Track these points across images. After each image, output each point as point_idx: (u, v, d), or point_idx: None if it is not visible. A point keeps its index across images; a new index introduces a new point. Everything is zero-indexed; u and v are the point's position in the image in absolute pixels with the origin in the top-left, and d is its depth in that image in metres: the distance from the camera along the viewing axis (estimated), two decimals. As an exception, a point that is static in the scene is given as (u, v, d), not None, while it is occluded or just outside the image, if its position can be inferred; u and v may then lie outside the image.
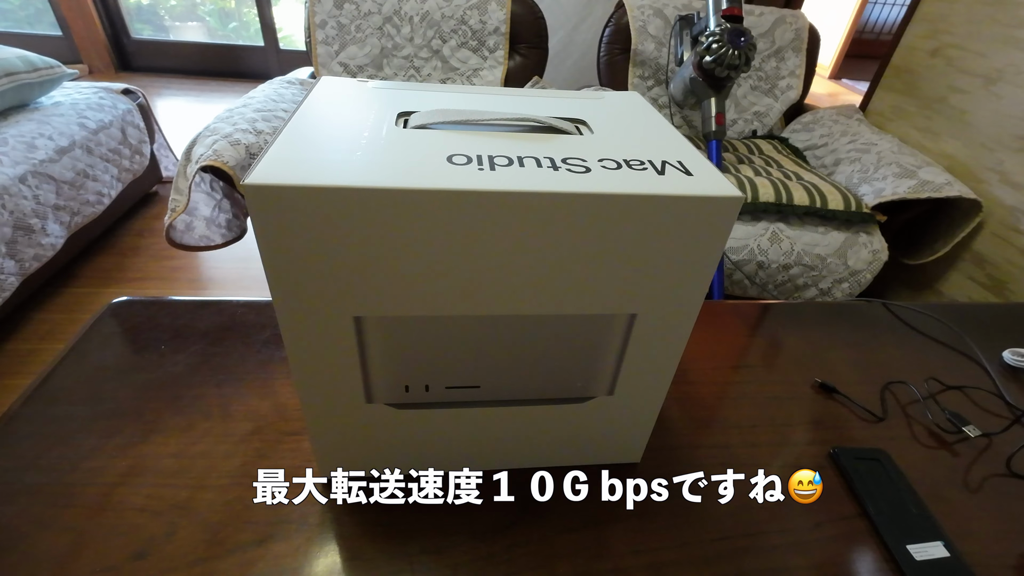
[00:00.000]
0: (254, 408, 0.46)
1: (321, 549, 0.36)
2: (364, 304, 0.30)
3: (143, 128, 1.67)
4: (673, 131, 0.36)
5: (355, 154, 0.28)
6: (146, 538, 0.36)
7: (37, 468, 0.40)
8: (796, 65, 1.58)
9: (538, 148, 0.31)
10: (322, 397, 0.34)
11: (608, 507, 0.41)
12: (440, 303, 0.30)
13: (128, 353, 0.51)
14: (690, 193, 0.28)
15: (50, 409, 0.44)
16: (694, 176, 0.30)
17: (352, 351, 0.32)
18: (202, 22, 3.22)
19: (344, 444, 0.38)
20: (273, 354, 0.52)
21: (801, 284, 1.19)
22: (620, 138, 0.34)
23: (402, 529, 0.38)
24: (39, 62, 1.39)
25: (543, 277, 0.30)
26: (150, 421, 0.44)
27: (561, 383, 0.37)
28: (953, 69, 1.35)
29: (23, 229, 1.16)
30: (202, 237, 1.10)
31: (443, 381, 0.35)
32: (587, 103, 0.40)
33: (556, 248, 0.29)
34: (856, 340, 0.62)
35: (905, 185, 1.16)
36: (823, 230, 1.16)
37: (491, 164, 0.29)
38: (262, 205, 0.26)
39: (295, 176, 0.26)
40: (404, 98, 0.38)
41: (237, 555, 0.35)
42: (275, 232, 0.27)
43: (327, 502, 0.39)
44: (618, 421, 0.40)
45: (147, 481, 0.39)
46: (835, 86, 4.10)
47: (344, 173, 0.26)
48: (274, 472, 0.40)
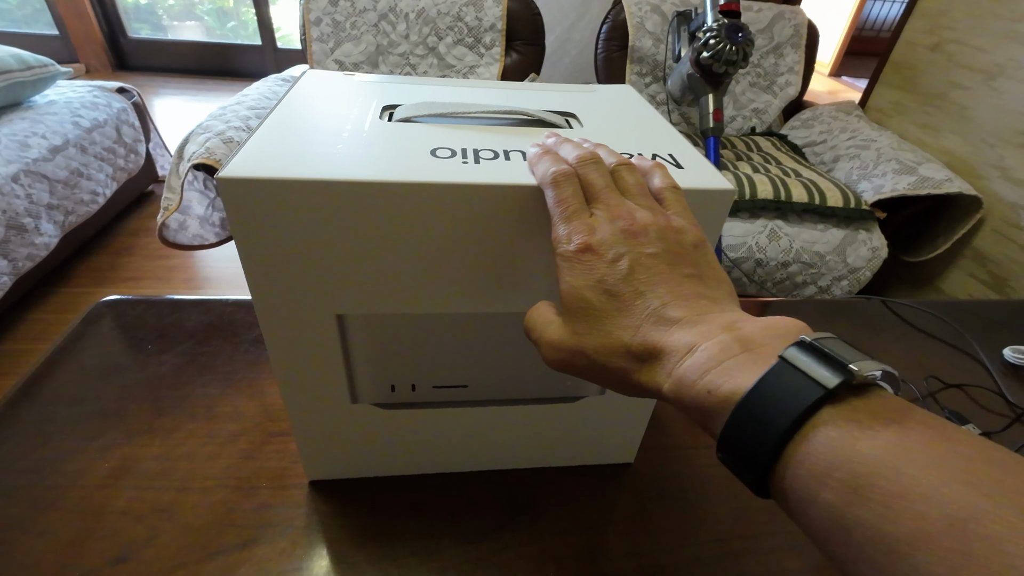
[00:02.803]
0: (241, 408, 0.45)
1: (307, 553, 0.35)
2: (346, 302, 0.29)
3: (138, 127, 1.66)
4: (665, 124, 0.35)
5: (336, 147, 0.27)
6: (127, 542, 0.35)
7: (16, 471, 0.39)
8: (795, 61, 1.57)
9: (525, 142, 0.30)
10: (306, 398, 0.34)
11: (601, 509, 0.40)
12: (424, 301, 0.30)
13: (114, 353, 0.50)
14: (685, 186, 0.27)
15: (32, 410, 0.43)
16: (685, 169, 0.29)
17: (335, 350, 0.31)
18: (200, 21, 3.21)
19: (330, 445, 0.37)
20: (261, 353, 0.51)
21: (800, 282, 1.18)
22: (610, 131, 0.33)
23: (389, 532, 0.37)
24: (32, 60, 1.38)
25: (530, 273, 0.29)
26: (134, 422, 0.43)
27: (551, 382, 0.36)
28: (953, 64, 1.34)
29: (16, 228, 1.15)
30: (196, 236, 1.09)
31: (430, 380, 0.34)
32: (578, 96, 0.39)
33: (543, 242, 0.28)
34: (855, 338, 0.61)
35: (905, 181, 1.15)
36: (822, 227, 1.15)
37: (476, 157, 0.28)
38: (238, 200, 0.25)
39: (272, 169, 0.25)
40: (389, 91, 0.37)
41: (220, 559, 0.34)
42: (252, 228, 0.26)
43: (313, 504, 0.38)
44: (610, 421, 0.39)
45: (130, 484, 0.38)
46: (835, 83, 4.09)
47: (324, 166, 0.25)
48: (259, 474, 0.40)
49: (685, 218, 0.26)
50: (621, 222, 0.24)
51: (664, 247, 0.24)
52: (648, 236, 0.24)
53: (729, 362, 0.20)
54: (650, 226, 0.25)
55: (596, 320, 0.24)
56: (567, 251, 0.25)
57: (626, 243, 0.24)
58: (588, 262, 0.24)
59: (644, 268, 0.23)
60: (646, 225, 0.25)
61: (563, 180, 0.26)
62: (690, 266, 0.24)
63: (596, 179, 0.26)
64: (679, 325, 0.22)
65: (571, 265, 0.24)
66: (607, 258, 0.24)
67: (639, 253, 0.24)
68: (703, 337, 0.21)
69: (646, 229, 0.24)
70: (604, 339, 0.23)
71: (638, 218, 0.25)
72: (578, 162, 0.27)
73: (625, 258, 0.24)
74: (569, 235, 0.25)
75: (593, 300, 0.24)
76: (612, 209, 0.25)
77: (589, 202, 0.26)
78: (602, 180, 0.26)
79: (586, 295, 0.24)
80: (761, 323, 0.21)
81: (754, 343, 0.20)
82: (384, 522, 0.38)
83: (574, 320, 0.25)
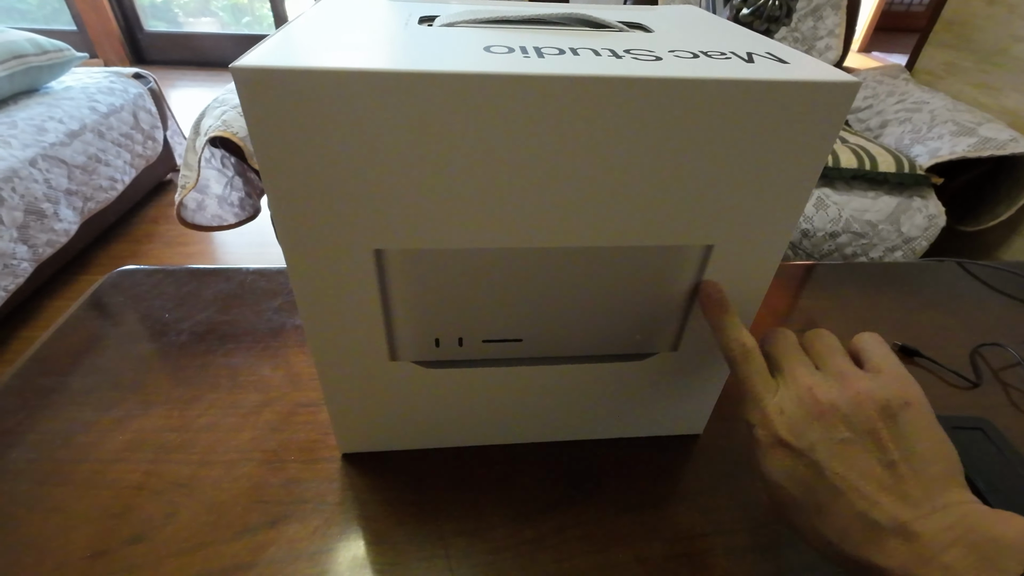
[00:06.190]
0: (265, 378, 0.41)
1: (342, 531, 0.31)
2: (386, 233, 0.24)
3: (155, 113, 1.64)
4: (751, 32, 0.30)
5: (373, 42, 0.23)
6: (144, 519, 0.31)
7: (25, 444, 0.35)
8: (835, 24, 1.48)
9: (592, 41, 0.25)
10: (339, 354, 0.29)
11: (670, 484, 0.35)
12: (477, 232, 0.25)
13: (129, 322, 0.46)
14: (795, 78, 0.22)
15: (40, 380, 0.40)
16: (791, 63, 0.24)
17: (372, 294, 0.27)
18: (215, 17, 3.22)
19: (365, 412, 0.33)
20: (285, 321, 0.47)
21: (849, 253, 1.11)
22: (689, 36, 0.28)
23: (432, 509, 0.33)
24: (48, 45, 1.36)
25: (602, 197, 0.24)
26: (151, 393, 0.39)
27: (617, 336, 0.31)
28: (1016, 16, 1.23)
29: (35, 213, 1.14)
30: (214, 216, 1.06)
31: (479, 333, 0.30)
32: (639, 12, 0.34)
33: (620, 156, 0.23)
34: (933, 301, 0.56)
35: (964, 144, 1.07)
36: (873, 195, 1.08)
37: (538, 53, 0.23)
38: (259, 98, 0.20)
39: (301, 60, 0.20)
40: (425, 9, 0.32)
41: (246, 538, 0.30)
42: (276, 137, 0.21)
43: (347, 479, 0.34)
44: (681, 383, 0.34)
45: (146, 457, 0.35)
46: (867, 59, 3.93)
47: (361, 58, 0.21)
48: (287, 446, 0.36)
49: (886, 373, 0.24)
50: (807, 401, 0.23)
51: (858, 429, 0.22)
52: (837, 416, 0.22)
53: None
54: (838, 403, 0.22)
55: (800, 511, 0.23)
56: (757, 438, 0.24)
57: (814, 429, 0.22)
58: (778, 455, 0.23)
59: (839, 459, 0.22)
60: (834, 403, 0.22)
61: (743, 356, 0.26)
62: (891, 446, 0.22)
63: (778, 343, 0.26)
64: (894, 536, 0.20)
65: (764, 452, 0.24)
66: (796, 449, 0.23)
67: (830, 441, 0.22)
68: (920, 564, 0.19)
69: (835, 407, 0.22)
70: (811, 533, 0.23)
71: (820, 395, 0.23)
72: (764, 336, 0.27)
73: (817, 448, 0.22)
74: (758, 419, 0.24)
75: (794, 493, 0.23)
76: (796, 382, 0.24)
77: (774, 372, 0.25)
78: (784, 342, 0.26)
79: (785, 487, 0.23)
80: (984, 535, 0.19)
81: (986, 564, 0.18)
82: (426, 498, 0.33)
83: (779, 506, 0.24)
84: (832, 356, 0.25)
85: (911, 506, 0.20)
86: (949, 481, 0.21)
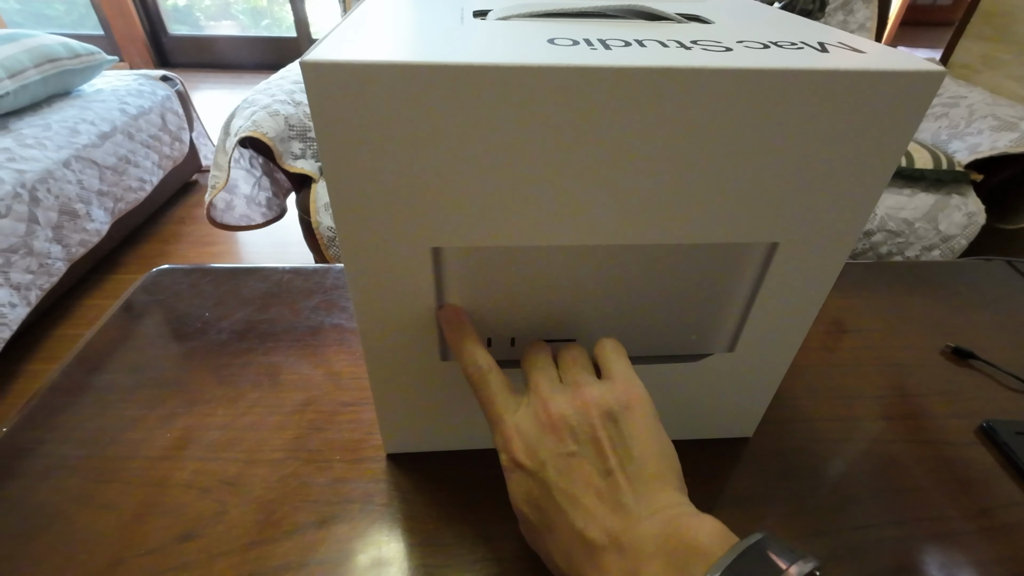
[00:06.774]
0: (306, 377, 0.41)
1: (391, 531, 0.31)
2: (447, 231, 0.24)
3: (182, 115, 1.66)
4: (814, 22, 0.29)
5: (436, 35, 0.22)
6: (194, 517, 0.31)
7: (75, 440, 0.36)
8: (866, 18, 1.44)
9: (658, 32, 0.25)
10: (391, 352, 0.29)
11: (721, 488, 0.34)
12: (536, 229, 0.24)
13: (170, 320, 0.47)
14: (878, 68, 0.21)
15: (89, 378, 0.40)
16: (868, 53, 0.23)
17: (428, 293, 0.26)
18: (235, 20, 3.27)
19: (414, 411, 0.32)
20: (323, 320, 0.47)
21: (884, 252, 1.08)
22: (751, 26, 0.27)
23: (480, 510, 0.32)
24: (80, 49, 1.39)
25: (668, 192, 0.24)
26: (195, 391, 0.40)
27: (674, 336, 0.30)
28: (1057, 7, 1.19)
29: (68, 214, 1.16)
30: (242, 216, 1.07)
31: (532, 333, 0.29)
32: (693, 3, 0.33)
33: (688, 150, 0.22)
34: (984, 301, 0.54)
35: (1006, 139, 1.03)
36: (909, 192, 1.05)
37: (604, 45, 0.22)
38: (326, 93, 0.20)
39: (369, 53, 0.20)
40: (475, 3, 0.31)
41: (296, 537, 0.30)
42: (341, 132, 0.21)
43: (393, 479, 0.34)
44: (735, 385, 0.33)
45: (193, 455, 0.35)
46: (890, 54, 3.85)
47: (429, 51, 0.20)
48: (331, 446, 0.35)
49: (615, 378, 0.24)
50: (541, 416, 0.23)
51: (582, 439, 0.22)
52: (566, 428, 0.22)
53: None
54: (567, 413, 0.22)
55: (538, 536, 0.23)
56: (502, 463, 0.24)
57: (545, 445, 0.22)
58: (516, 479, 0.23)
59: (565, 475, 0.22)
60: (563, 414, 0.22)
61: (480, 380, 0.25)
62: (610, 453, 0.22)
63: (528, 358, 0.26)
64: (608, 551, 0.20)
65: (507, 477, 0.24)
66: (529, 469, 0.22)
67: (558, 456, 0.22)
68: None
69: (564, 419, 0.22)
70: (548, 560, 0.23)
71: (552, 408, 0.23)
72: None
73: (547, 466, 0.22)
74: (499, 443, 0.24)
75: (531, 517, 0.23)
76: (538, 397, 0.24)
77: (526, 389, 0.25)
78: (534, 357, 0.26)
79: (524, 511, 0.23)
80: (682, 542, 0.19)
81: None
82: (475, 500, 0.33)
83: (525, 534, 0.24)
84: (572, 367, 0.24)
85: (623, 516, 0.20)
86: (664, 483, 0.21)
